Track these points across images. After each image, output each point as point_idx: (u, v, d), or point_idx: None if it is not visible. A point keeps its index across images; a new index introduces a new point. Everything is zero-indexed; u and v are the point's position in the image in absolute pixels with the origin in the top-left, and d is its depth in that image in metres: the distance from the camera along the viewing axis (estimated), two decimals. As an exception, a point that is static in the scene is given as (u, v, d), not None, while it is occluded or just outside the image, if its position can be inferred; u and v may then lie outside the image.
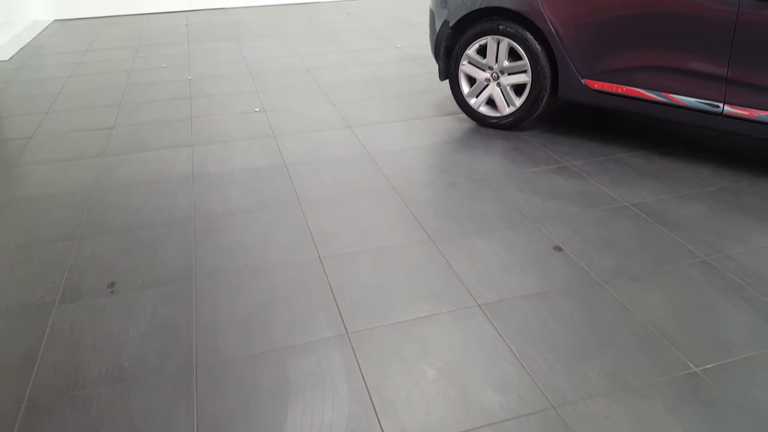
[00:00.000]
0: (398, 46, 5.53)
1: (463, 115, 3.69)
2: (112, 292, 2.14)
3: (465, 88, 3.51)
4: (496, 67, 3.33)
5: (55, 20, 7.16)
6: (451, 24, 3.41)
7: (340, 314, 1.99)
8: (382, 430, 1.54)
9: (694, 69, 2.71)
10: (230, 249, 2.38)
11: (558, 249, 2.32)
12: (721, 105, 2.70)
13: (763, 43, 2.49)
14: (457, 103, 3.61)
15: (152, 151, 3.33)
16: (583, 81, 3.07)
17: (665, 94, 2.84)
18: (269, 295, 2.09)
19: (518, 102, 3.33)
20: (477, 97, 3.49)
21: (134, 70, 4.94)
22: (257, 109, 3.96)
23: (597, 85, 3.03)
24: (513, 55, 3.25)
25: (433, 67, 4.64)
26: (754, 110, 2.62)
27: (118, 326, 1.96)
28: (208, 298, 2.08)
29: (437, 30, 3.51)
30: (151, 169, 3.12)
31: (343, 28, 6.39)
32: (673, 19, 2.68)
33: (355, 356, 1.80)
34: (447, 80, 3.64)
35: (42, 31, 6.57)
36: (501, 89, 3.37)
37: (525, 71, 3.22)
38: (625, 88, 2.95)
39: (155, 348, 1.85)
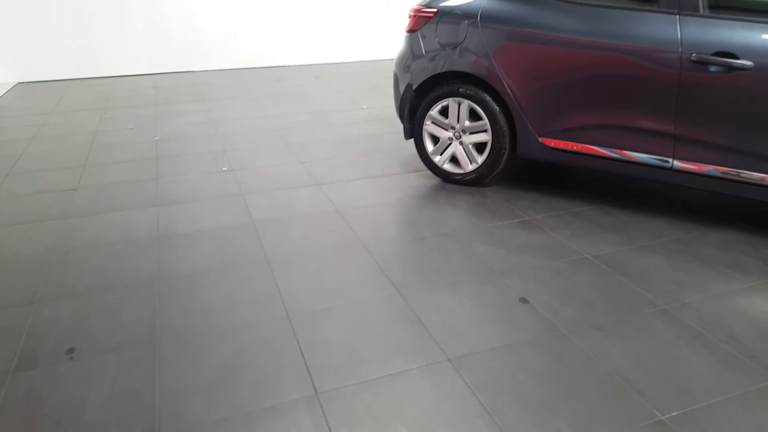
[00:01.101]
0: (364, 107, 5.70)
1: (429, 172, 3.79)
2: (71, 358, 2.06)
3: (429, 146, 3.63)
4: (458, 126, 3.46)
5: (19, 83, 7.15)
6: (414, 87, 3.56)
7: (309, 374, 1.96)
8: (353, 493, 1.50)
9: (643, 127, 2.88)
10: (195, 310, 2.34)
11: (524, 301, 2.37)
12: (670, 160, 2.86)
13: (704, 101, 2.67)
14: (422, 160, 3.72)
15: (117, 212, 3.30)
16: (540, 139, 3.21)
17: (618, 151, 2.99)
18: (235, 356, 2.05)
19: (480, 159, 3.45)
20: (441, 154, 3.60)
21: (100, 132, 4.94)
22: (225, 169, 3.99)
23: (553, 143, 3.17)
24: (474, 115, 3.39)
25: (399, 126, 4.79)
26: (702, 165, 2.78)
27: (77, 394, 1.88)
28: (172, 362, 2.03)
29: (401, 92, 3.66)
30: (116, 230, 3.08)
31: (310, 90, 6.57)
32: (621, 80, 2.86)
33: (325, 418, 1.76)
34: (412, 139, 3.75)
35: (5, 93, 6.55)
36: (463, 147, 3.49)
37: (485, 130, 3.36)
38: (580, 145, 3.09)
39: (116, 416, 1.78)
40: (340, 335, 2.16)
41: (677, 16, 2.70)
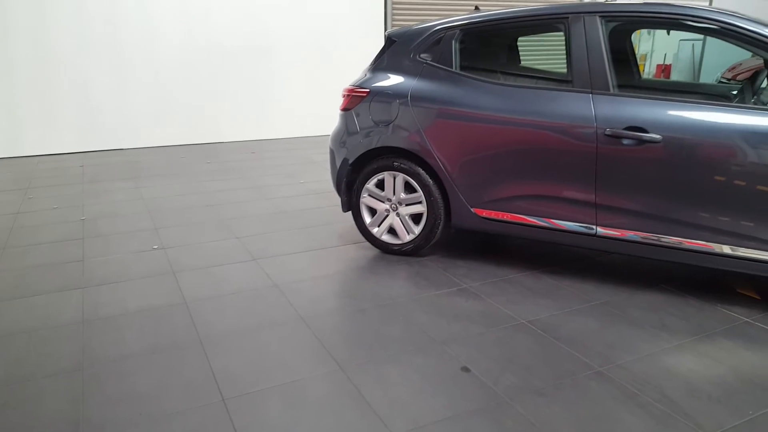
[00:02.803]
0: (302, 181, 5.75)
1: (367, 244, 3.82)
2: (-23, 460, 1.85)
3: (367, 218, 3.69)
4: (394, 198, 3.55)
5: (-66, 162, 6.77)
6: (350, 161, 3.65)
7: (247, 460, 1.85)
8: None
9: (567, 197, 3.06)
10: (123, 398, 2.18)
11: (465, 370, 2.37)
12: (594, 227, 3.03)
13: (620, 172, 2.88)
14: (361, 232, 3.76)
15: (38, 296, 3.10)
16: (472, 210, 3.33)
17: (546, 219, 3.15)
18: (167, 446, 1.91)
19: (417, 230, 3.52)
20: (379, 226, 3.66)
21: (22, 213, 4.70)
22: (156, 247, 3.86)
23: (485, 213, 3.30)
24: (409, 187, 3.50)
25: (336, 200, 4.85)
26: (623, 231, 2.96)
27: (-19, 502, 1.68)
28: (96, 457, 1.86)
29: (338, 167, 3.73)
30: (36, 315, 2.88)
31: (246, 165, 6.58)
32: (544, 154, 3.05)
33: (265, 507, 1.65)
34: (350, 212, 3.80)
35: None
36: (400, 219, 3.57)
37: (421, 202, 3.46)
38: (510, 215, 3.23)
39: None
40: (280, 417, 2.06)
41: (590, 95, 2.95)
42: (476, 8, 3.80)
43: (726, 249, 2.76)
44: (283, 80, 8.46)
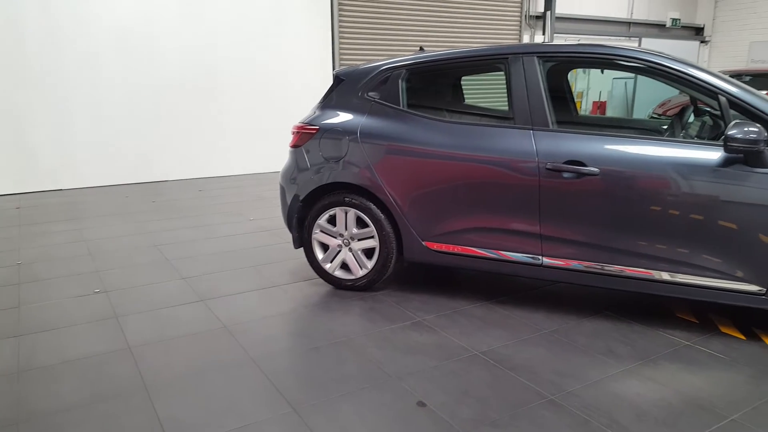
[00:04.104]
0: (251, 219, 5.68)
1: (320, 280, 3.79)
2: None
3: (319, 254, 3.66)
4: (346, 234, 3.55)
5: None
6: (301, 198, 3.64)
7: None
8: None
9: (514, 228, 3.14)
10: (61, 453, 2.05)
11: (421, 404, 2.35)
12: (540, 258, 3.12)
13: (562, 204, 3.00)
14: (313, 268, 3.73)
15: (-35, 347, 2.90)
16: (423, 243, 3.37)
17: (495, 251, 3.22)
18: (109, 503, 1.80)
19: (370, 264, 3.53)
20: (331, 262, 3.64)
21: (-51, 257, 4.42)
22: (97, 290, 3.70)
23: (436, 246, 3.35)
24: (361, 222, 3.51)
25: (287, 236, 4.80)
26: (568, 260, 3.06)
27: None
28: None
29: (288, 203, 3.71)
30: (-37, 367, 2.69)
31: (193, 204, 6.45)
32: (490, 187, 3.14)
33: None
34: (301, 248, 3.77)
35: None
36: (353, 254, 3.57)
37: (373, 237, 3.48)
38: (460, 247, 3.29)
39: None
40: (232, 464, 1.99)
41: (531, 131, 3.08)
42: (421, 49, 3.93)
43: (665, 275, 2.89)
44: (232, 117, 8.42)
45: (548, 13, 12.02)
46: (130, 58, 7.56)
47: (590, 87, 12.97)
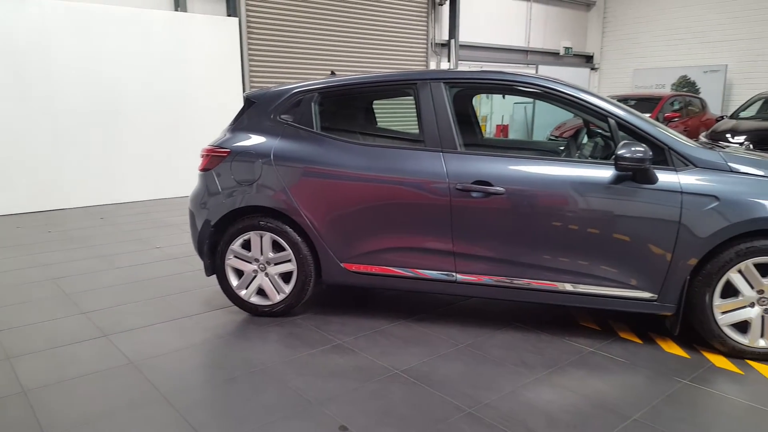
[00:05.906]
0: (158, 246, 5.41)
1: (235, 308, 3.67)
2: None
3: (233, 281, 3.56)
4: (262, 258, 3.48)
5: None
6: (212, 222, 3.52)
7: None
8: None
9: (428, 247, 3.23)
10: None
11: (343, 429, 2.33)
12: (454, 274, 3.22)
13: (472, 222, 3.12)
14: (227, 296, 3.61)
15: None
16: (341, 264, 3.37)
17: (411, 269, 3.28)
18: None
19: (287, 289, 3.47)
20: (247, 288, 3.54)
21: None
22: (-15, 331, 3.37)
23: (354, 267, 3.36)
24: (277, 246, 3.46)
25: (198, 264, 4.61)
26: (480, 276, 3.18)
27: None
28: None
29: (199, 229, 3.58)
30: None
31: (95, 233, 6.06)
32: (403, 208, 3.21)
33: None
34: (214, 275, 3.64)
35: None
36: (269, 278, 3.49)
37: (290, 260, 3.43)
38: (378, 267, 3.32)
39: None
40: None
41: (441, 153, 3.19)
42: (332, 73, 3.97)
43: (568, 287, 3.08)
44: (135, 141, 8.03)
45: (452, 41, 12.60)
46: (22, 79, 7.03)
47: (493, 111, 13.69)
